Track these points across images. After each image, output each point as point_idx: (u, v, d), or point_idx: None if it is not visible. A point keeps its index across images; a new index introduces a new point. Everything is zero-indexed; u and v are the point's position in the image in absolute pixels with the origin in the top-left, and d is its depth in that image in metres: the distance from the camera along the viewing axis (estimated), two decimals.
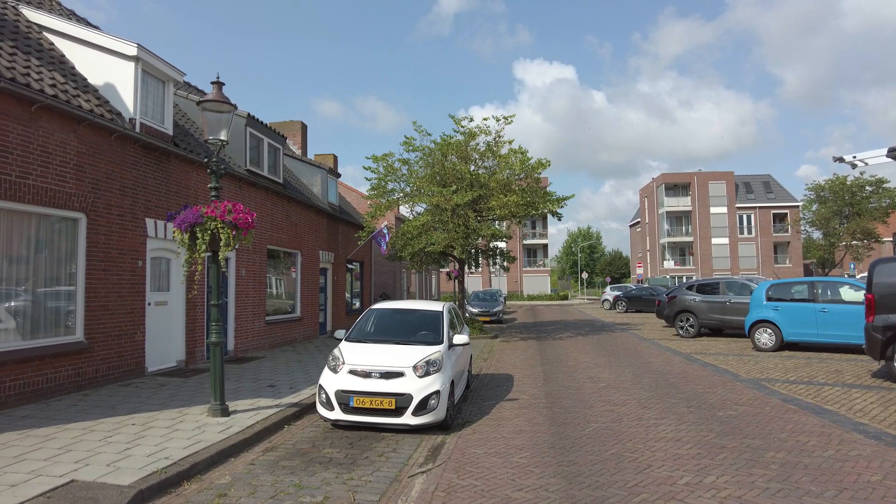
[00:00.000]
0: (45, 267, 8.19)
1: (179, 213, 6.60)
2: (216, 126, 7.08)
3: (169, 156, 10.69)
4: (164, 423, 6.75)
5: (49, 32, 9.99)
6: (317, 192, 19.72)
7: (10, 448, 5.65)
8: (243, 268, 13.46)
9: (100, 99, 9.41)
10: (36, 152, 7.82)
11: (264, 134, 14.97)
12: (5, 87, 7.10)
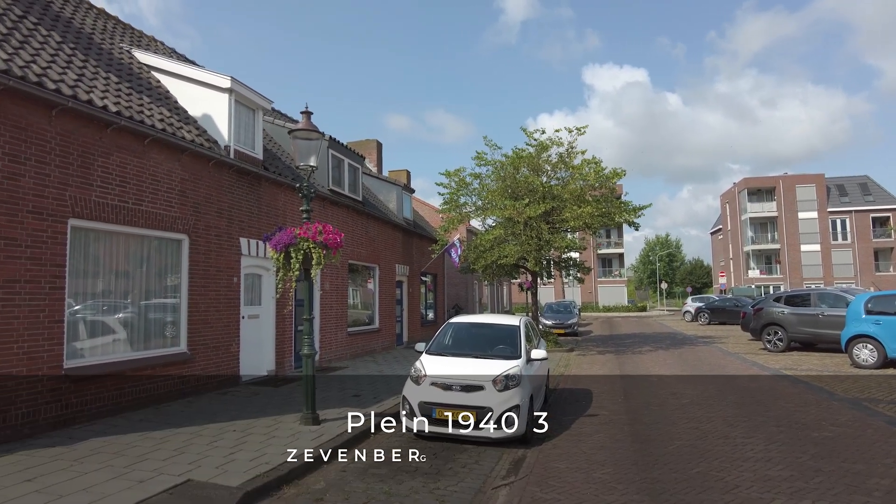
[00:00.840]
0: (153, 284, 9.02)
1: (275, 235, 7.13)
2: (306, 153, 7.60)
3: (260, 179, 11.48)
4: (262, 430, 7.25)
5: (155, 71, 11.04)
6: (392, 208, 20.35)
7: (135, 448, 6.29)
8: (327, 282, 14.13)
9: (199, 129, 10.28)
10: (148, 181, 8.67)
11: (344, 155, 15.70)
12: (126, 125, 7.96)
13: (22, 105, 6.82)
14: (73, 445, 6.40)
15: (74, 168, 7.45)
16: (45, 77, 7.17)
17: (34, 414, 6.83)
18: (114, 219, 8.04)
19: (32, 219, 6.88)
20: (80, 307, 7.73)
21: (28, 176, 6.85)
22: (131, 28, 13.06)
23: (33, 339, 6.85)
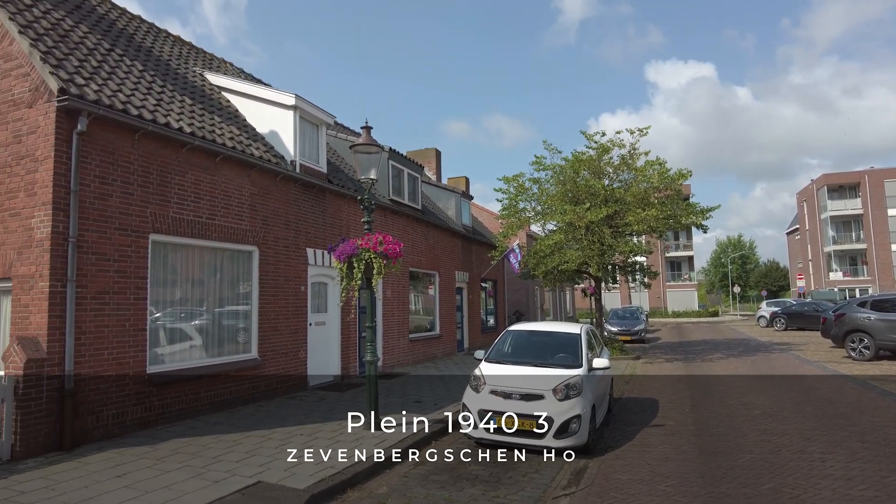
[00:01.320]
0: (225, 293, 9.53)
1: (338, 246, 7.40)
2: (367, 166, 7.85)
3: (324, 191, 11.90)
4: (327, 435, 7.51)
5: (225, 91, 11.68)
6: (451, 215, 20.54)
7: (210, 449, 6.68)
8: (389, 289, 14.43)
9: (266, 145, 10.78)
10: (220, 196, 9.18)
11: (404, 165, 16.01)
12: (199, 144, 8.49)
13: (109, 131, 7.41)
14: (156, 445, 6.87)
15: (154, 187, 8.02)
16: (130, 104, 7.76)
17: (122, 415, 7.38)
18: (189, 233, 8.57)
19: (119, 235, 7.45)
20: (160, 314, 8.28)
21: (115, 196, 7.43)
22: (203, 52, 13.88)
23: (120, 346, 7.41)
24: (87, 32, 9.08)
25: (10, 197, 7.13)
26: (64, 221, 6.80)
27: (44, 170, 6.84)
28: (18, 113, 7.20)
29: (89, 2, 10.65)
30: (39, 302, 6.71)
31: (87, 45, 8.61)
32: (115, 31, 10.29)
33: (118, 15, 11.35)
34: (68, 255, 6.79)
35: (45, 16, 8.33)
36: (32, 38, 7.35)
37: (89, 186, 7.12)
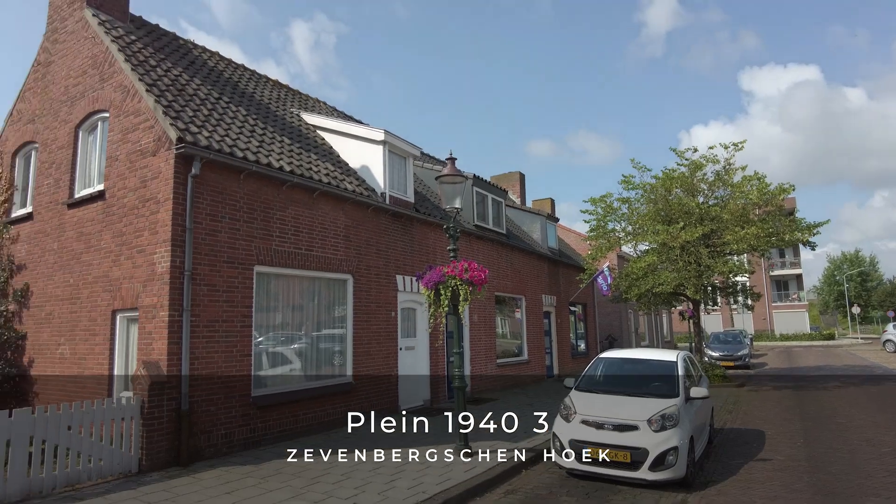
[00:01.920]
0: (321, 320, 10.04)
1: (426, 273, 7.62)
2: (451, 195, 8.07)
3: (412, 220, 12.31)
4: (418, 460, 7.65)
5: (320, 130, 12.45)
6: (537, 238, 20.42)
7: (309, 470, 7.02)
8: (475, 314, 14.54)
9: (358, 179, 11.34)
10: (317, 229, 9.76)
11: (488, 190, 16.21)
12: (298, 181, 9.12)
13: (219, 172, 8.15)
14: (260, 465, 7.31)
15: (258, 222, 8.68)
16: (236, 147, 8.50)
17: (230, 435, 7.94)
18: (290, 263, 9.17)
19: (227, 267, 8.11)
20: (262, 339, 8.86)
21: (224, 231, 8.12)
22: (299, 93, 14.90)
23: (229, 371, 8.01)
24: (200, 84, 10.07)
25: (137, 235, 8.00)
26: (180, 256, 7.53)
27: (164, 210, 7.62)
28: (144, 161, 8.10)
29: (201, 56, 11.82)
30: (160, 330, 7.43)
31: (200, 96, 9.55)
32: (222, 80, 11.33)
33: (225, 66, 12.49)
34: (184, 287, 7.49)
35: (166, 73, 9.35)
36: (156, 95, 8.28)
37: (202, 224, 7.84)
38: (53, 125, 10.26)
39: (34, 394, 9.58)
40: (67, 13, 10.35)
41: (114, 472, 6.80)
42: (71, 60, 10.10)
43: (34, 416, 6.23)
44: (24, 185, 11.17)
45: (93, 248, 8.85)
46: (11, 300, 10.38)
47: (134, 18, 10.88)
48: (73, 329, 9.01)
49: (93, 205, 9.01)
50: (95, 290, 8.68)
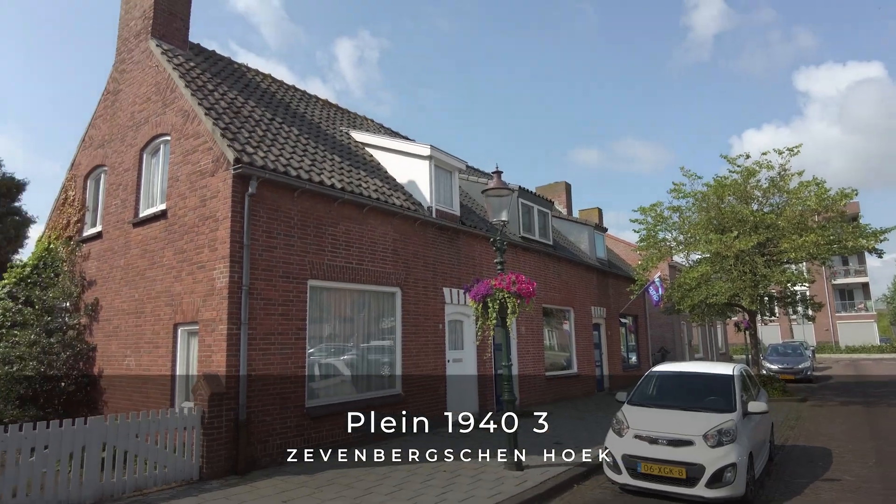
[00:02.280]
0: (371, 332, 10.22)
1: (473, 286, 7.68)
2: (498, 208, 8.13)
3: (458, 233, 12.42)
4: (469, 472, 7.68)
5: (368, 147, 12.76)
6: (584, 249, 20.19)
7: (361, 481, 7.15)
8: (523, 326, 14.48)
9: (406, 194, 11.55)
10: (367, 243, 9.99)
11: (533, 202, 16.18)
12: (348, 198, 9.37)
13: (274, 190, 8.48)
14: (314, 475, 7.49)
15: (311, 238, 8.95)
16: (290, 166, 8.82)
17: (285, 445, 8.16)
18: (341, 277, 9.40)
19: (283, 282, 8.40)
20: (313, 350, 9.08)
21: (279, 248, 8.43)
22: (347, 111, 15.31)
23: (284, 383, 8.26)
24: (254, 106, 10.51)
25: (197, 252, 8.39)
26: (238, 272, 7.85)
27: (223, 228, 7.97)
28: (204, 181, 8.51)
29: (255, 79, 12.34)
30: (220, 343, 7.74)
31: (255, 118, 9.97)
32: (275, 101, 11.79)
33: (277, 87, 12.98)
34: (242, 301, 7.80)
35: (223, 97, 9.81)
36: (214, 118, 8.70)
37: (258, 240, 8.16)
38: (120, 149, 10.90)
39: (103, 402, 10.11)
40: (134, 44, 11.01)
41: (177, 478, 7.11)
42: (136, 88, 10.73)
43: (106, 424, 6.60)
44: (94, 205, 11.88)
45: (156, 265, 9.32)
46: (83, 314, 11.01)
47: (192, 46, 11.47)
48: (139, 341, 9.49)
49: (156, 223, 9.50)
50: (158, 305, 9.12)
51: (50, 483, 6.05)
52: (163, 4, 10.74)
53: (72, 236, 11.84)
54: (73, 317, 11.07)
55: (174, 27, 10.91)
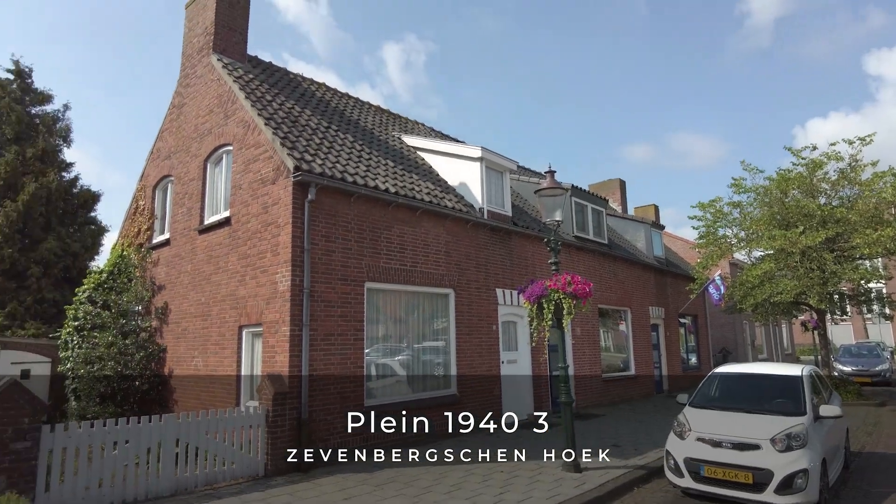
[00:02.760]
0: (425, 333, 10.35)
1: (527, 287, 7.67)
2: (551, 209, 8.09)
3: (510, 234, 12.41)
4: (526, 473, 7.67)
5: (420, 151, 12.92)
6: (641, 247, 19.74)
7: (420, 480, 7.26)
8: (578, 327, 14.31)
9: (457, 196, 11.63)
10: (420, 246, 10.12)
11: (587, 200, 15.96)
12: (402, 202, 9.54)
13: (332, 196, 8.73)
14: (374, 473, 7.65)
15: (367, 241, 9.16)
16: (346, 172, 9.06)
17: (345, 443, 8.37)
18: (396, 279, 9.57)
19: (341, 284, 8.63)
20: (369, 351, 9.27)
21: (337, 251, 8.67)
22: (399, 116, 15.54)
23: (343, 382, 8.48)
24: (311, 115, 10.84)
25: (260, 257, 8.73)
26: (300, 275, 8.12)
27: (284, 234, 8.27)
28: (265, 189, 8.85)
29: (310, 88, 12.72)
30: (282, 343, 8.03)
31: (311, 126, 10.28)
32: (329, 109, 12.11)
33: (331, 95, 13.33)
34: (303, 303, 8.06)
35: (281, 107, 10.17)
36: (273, 128, 9.03)
37: (318, 245, 8.42)
38: (186, 160, 11.46)
39: (174, 400, 10.65)
40: (197, 60, 11.57)
41: (244, 474, 7.42)
42: (200, 101, 11.27)
43: (179, 421, 6.96)
44: (162, 214, 12.54)
45: (221, 270, 9.75)
46: (154, 317, 11.64)
47: (251, 59, 11.95)
48: (205, 343, 9.95)
49: (220, 230, 9.94)
50: (224, 308, 9.54)
51: (131, 476, 6.44)
52: (223, 20, 11.24)
53: (142, 243, 12.53)
54: (145, 320, 11.71)
55: (233, 41, 11.39)
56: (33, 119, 20.16)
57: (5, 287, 17.53)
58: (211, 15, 11.26)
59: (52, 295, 17.77)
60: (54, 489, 5.88)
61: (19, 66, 20.47)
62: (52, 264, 18.15)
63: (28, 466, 5.61)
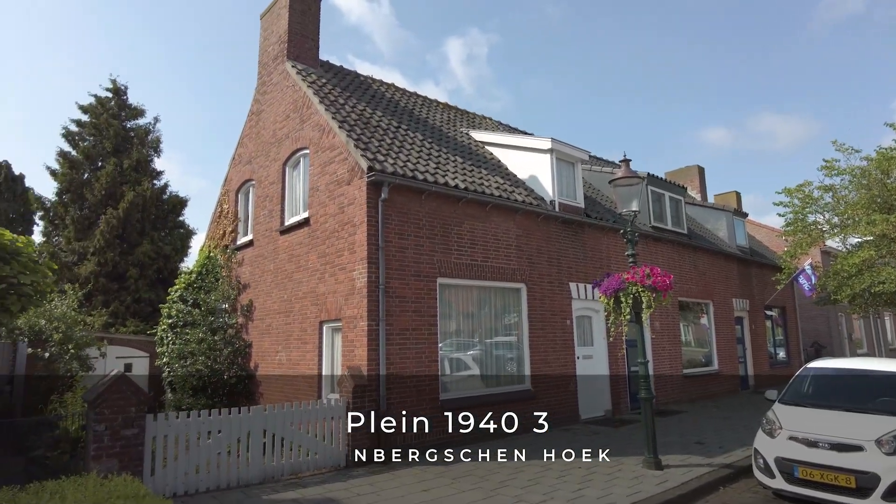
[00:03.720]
0: (496, 328, 10.34)
1: (603, 281, 7.51)
2: (627, 199, 7.87)
3: (583, 226, 12.17)
4: (605, 470, 7.52)
5: (488, 145, 12.89)
6: (723, 237, 18.81)
7: (496, 474, 7.29)
8: (657, 321, 13.84)
9: (527, 189, 11.53)
10: (491, 241, 10.13)
11: (664, 189, 15.38)
12: (472, 197, 9.58)
13: (404, 194, 8.89)
14: (450, 466, 7.75)
15: (438, 238, 9.27)
16: (416, 170, 9.20)
17: (422, 436, 8.52)
18: (467, 275, 9.63)
19: (415, 280, 8.79)
20: (442, 346, 9.36)
21: (410, 248, 8.82)
22: (466, 112, 15.58)
23: (419, 376, 8.64)
24: (381, 116, 11.07)
25: (338, 255, 9.03)
26: (375, 272, 8.33)
27: (360, 232, 8.51)
28: (341, 190, 9.14)
29: (379, 89, 12.98)
30: (360, 338, 8.27)
31: (382, 127, 10.50)
32: (399, 109, 12.31)
33: (400, 95, 13.55)
34: (379, 299, 8.28)
35: (353, 109, 10.45)
36: (347, 130, 9.30)
37: (391, 242, 8.60)
38: (265, 164, 12.01)
39: (259, 394, 11.22)
40: (272, 67, 12.08)
41: (326, 465, 7.71)
42: (276, 108, 11.76)
43: (265, 413, 7.33)
44: (245, 216, 13.20)
45: (301, 268, 10.16)
46: (240, 314, 12.29)
47: (322, 63, 12.34)
48: (288, 338, 10.40)
49: (300, 230, 10.36)
50: (305, 304, 9.94)
51: (223, 463, 6.85)
52: (295, 28, 11.67)
53: (228, 245, 13.26)
54: (231, 317, 12.39)
55: (306, 48, 11.81)
56: (129, 132, 21.79)
57: (108, 288, 19.09)
58: (284, 24, 11.72)
59: (148, 294, 19.18)
60: (158, 473, 6.36)
61: (116, 84, 22.19)
62: (147, 266, 19.57)
63: (136, 451, 6.09)
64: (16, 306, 7.05)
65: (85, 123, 21.38)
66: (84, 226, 20.00)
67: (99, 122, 21.24)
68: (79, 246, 19.47)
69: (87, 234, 19.85)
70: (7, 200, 25.81)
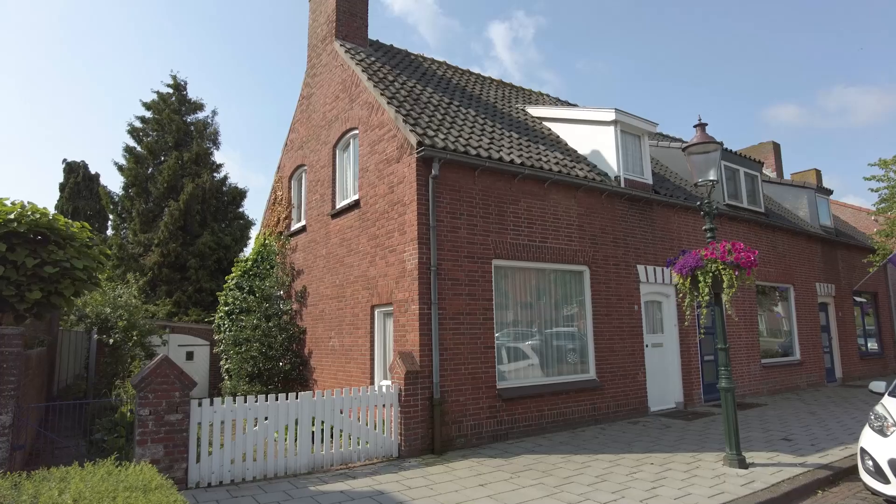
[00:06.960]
0: (558, 314, 9.68)
1: (678, 259, 6.75)
2: (704, 167, 7.05)
3: (651, 203, 11.28)
4: (681, 467, 6.80)
5: (545, 121, 12.17)
6: (804, 216, 17.29)
7: (559, 469, 6.70)
8: (733, 307, 12.75)
9: (589, 165, 10.76)
10: (550, 219, 9.46)
11: (738, 164, 14.18)
12: (528, 173, 8.94)
13: (455, 171, 8.37)
14: (509, 459, 7.23)
15: (493, 217, 8.70)
16: (469, 146, 8.65)
17: (478, 426, 8.04)
18: (524, 256, 9.02)
19: (468, 262, 8.27)
20: (499, 334, 8.82)
21: (462, 228, 8.30)
22: (522, 89, 14.87)
23: (474, 363, 8.13)
24: (432, 93, 10.58)
25: (388, 237, 8.63)
26: (426, 254, 7.87)
27: (410, 212, 8.07)
28: (390, 168, 8.72)
29: (431, 67, 12.49)
30: (412, 322, 7.85)
31: (433, 103, 10.00)
32: (451, 86, 11.78)
33: (452, 73, 13.01)
34: (430, 282, 7.81)
35: (402, 86, 10.00)
36: (396, 106, 8.86)
37: (443, 222, 8.11)
38: (316, 148, 11.77)
39: (313, 380, 11.04)
40: (321, 48, 11.80)
41: (378, 454, 7.34)
42: (326, 89, 11.48)
43: (314, 399, 7.02)
44: (298, 202, 13.06)
45: (353, 252, 9.84)
46: (294, 300, 12.17)
47: (372, 42, 11.96)
48: (341, 324, 10.13)
49: (350, 213, 10.04)
50: (356, 289, 9.62)
51: (271, 451, 6.59)
52: (343, 6, 11.33)
53: (282, 231, 13.16)
54: (286, 303, 12.29)
55: (354, 27, 11.45)
56: (189, 126, 22.28)
57: (171, 278, 19.60)
58: (332, 3, 11.41)
59: (209, 284, 19.55)
60: (204, 460, 6.15)
61: (177, 80, 22.72)
62: (207, 256, 19.95)
63: (181, 437, 5.89)
64: (69, 290, 7.05)
65: (148, 119, 22.02)
66: (149, 218, 20.61)
67: (161, 118, 21.81)
68: (144, 238, 20.07)
69: (152, 226, 20.45)
70: (85, 198, 27.17)
